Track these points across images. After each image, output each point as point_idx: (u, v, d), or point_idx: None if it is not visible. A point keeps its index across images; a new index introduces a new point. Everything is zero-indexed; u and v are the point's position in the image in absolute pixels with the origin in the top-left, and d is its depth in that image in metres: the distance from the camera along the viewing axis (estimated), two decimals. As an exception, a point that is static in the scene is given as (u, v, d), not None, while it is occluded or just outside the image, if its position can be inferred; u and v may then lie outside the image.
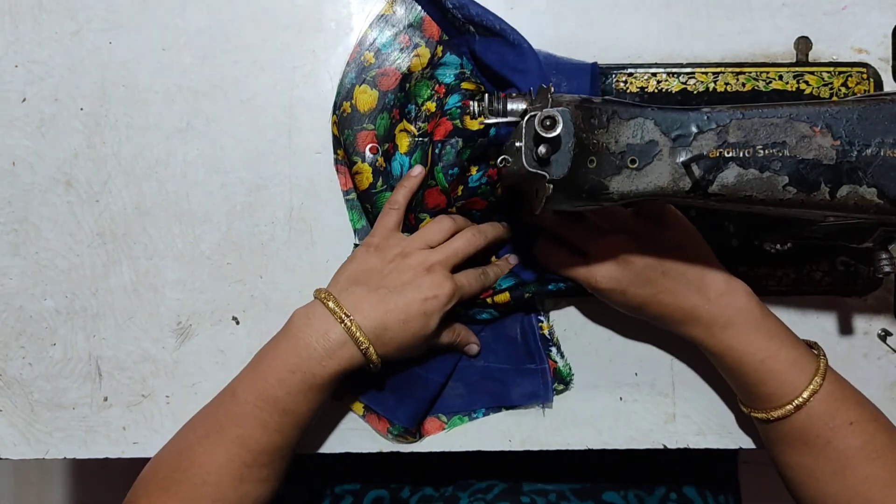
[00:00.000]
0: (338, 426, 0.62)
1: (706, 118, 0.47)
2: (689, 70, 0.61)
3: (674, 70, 0.61)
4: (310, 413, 0.55)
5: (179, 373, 0.62)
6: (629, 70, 0.61)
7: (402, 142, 0.59)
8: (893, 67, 0.62)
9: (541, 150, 0.42)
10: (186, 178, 0.62)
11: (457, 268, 0.58)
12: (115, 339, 0.62)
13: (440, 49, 0.61)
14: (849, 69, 0.61)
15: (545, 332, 0.62)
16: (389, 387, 0.60)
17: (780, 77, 0.61)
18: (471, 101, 0.56)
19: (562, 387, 0.62)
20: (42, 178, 0.62)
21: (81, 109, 0.62)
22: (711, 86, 0.61)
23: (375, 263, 0.56)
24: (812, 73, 0.61)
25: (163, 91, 0.62)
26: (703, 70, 0.61)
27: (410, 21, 0.61)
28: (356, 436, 0.62)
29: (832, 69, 0.61)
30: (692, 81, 0.61)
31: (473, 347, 0.61)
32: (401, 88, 0.60)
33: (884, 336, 0.62)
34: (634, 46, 0.62)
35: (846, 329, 0.63)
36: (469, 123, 0.57)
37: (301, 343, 0.53)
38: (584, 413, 0.62)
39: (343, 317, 0.53)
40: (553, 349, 0.62)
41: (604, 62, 0.61)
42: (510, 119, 0.50)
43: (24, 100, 0.62)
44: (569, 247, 0.58)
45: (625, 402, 0.62)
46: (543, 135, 0.42)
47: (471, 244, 0.58)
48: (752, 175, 0.46)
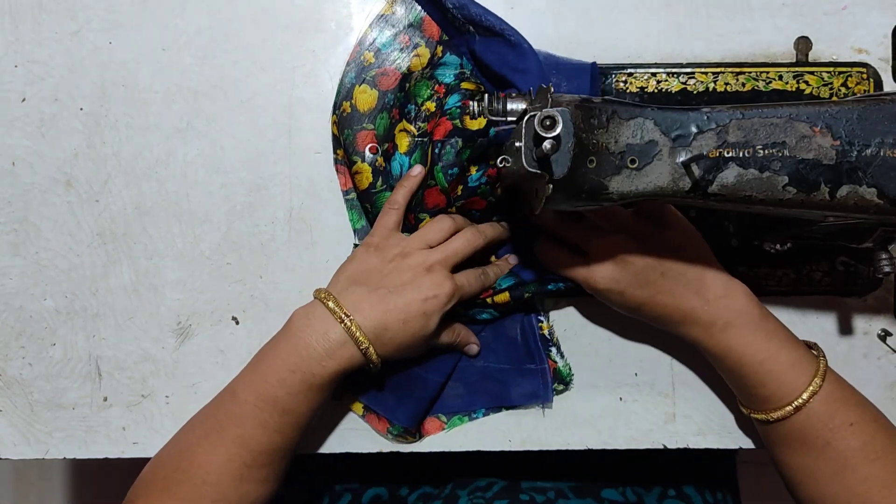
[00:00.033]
0: (338, 426, 0.62)
1: (706, 118, 0.47)
2: (689, 70, 0.61)
3: (674, 70, 0.61)
4: (310, 413, 0.55)
5: (179, 373, 0.62)
6: (629, 70, 0.61)
7: (402, 142, 0.59)
8: (893, 67, 0.62)
9: (541, 150, 0.42)
10: (186, 178, 0.62)
11: (456, 268, 0.58)
12: (115, 339, 0.62)
13: (440, 49, 0.61)
14: (849, 69, 0.61)
15: (545, 333, 0.62)
16: (389, 387, 0.60)
17: (780, 77, 0.61)
18: (470, 101, 0.56)
19: (562, 387, 0.62)
20: (42, 178, 0.62)
21: (81, 109, 0.62)
22: (711, 86, 0.61)
23: (375, 263, 0.56)
24: (812, 73, 0.61)
25: (163, 91, 0.62)
26: (703, 70, 0.61)
27: (410, 21, 0.61)
28: (356, 436, 0.62)
29: (832, 69, 0.61)
30: (692, 81, 0.61)
31: (473, 347, 0.61)
32: (400, 88, 0.60)
33: (884, 336, 0.62)
34: (634, 46, 0.62)
35: (846, 329, 0.63)
36: (469, 123, 0.57)
37: (301, 343, 0.53)
38: (584, 413, 0.62)
39: (343, 317, 0.53)
40: (553, 349, 0.62)
41: (604, 62, 0.61)
42: (510, 119, 0.50)
43: (24, 100, 0.62)
44: (569, 246, 0.58)
45: (625, 402, 0.62)
46: (543, 135, 0.42)
47: (470, 244, 0.58)
48: (752, 175, 0.46)
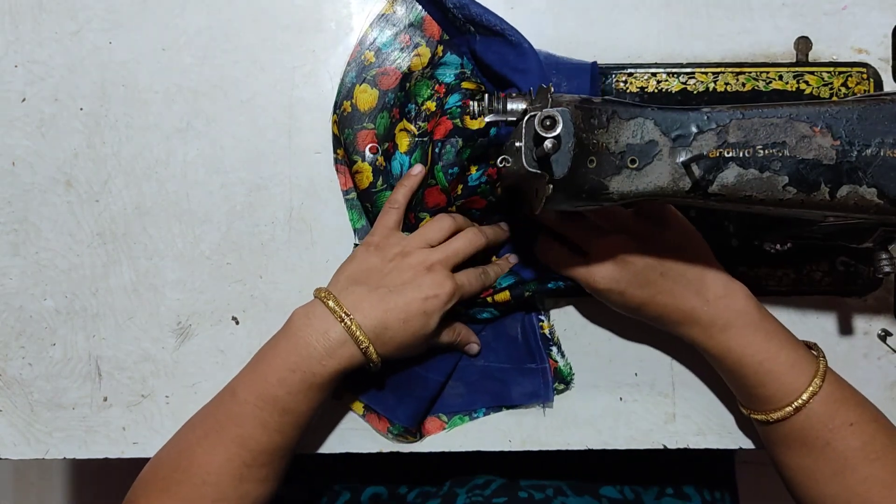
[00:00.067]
0: (338, 426, 0.62)
1: (706, 118, 0.47)
2: (689, 70, 0.61)
3: (674, 70, 0.61)
4: (310, 412, 0.55)
5: (179, 373, 0.62)
6: (629, 70, 0.61)
7: (402, 141, 0.59)
8: (893, 67, 0.62)
9: (541, 150, 0.42)
10: (186, 178, 0.62)
11: (457, 267, 0.58)
12: (115, 339, 0.62)
13: (441, 49, 0.61)
14: (849, 69, 0.61)
15: (546, 332, 0.62)
16: (390, 386, 0.60)
17: (780, 77, 0.61)
18: (471, 101, 0.56)
19: (562, 386, 0.62)
20: (42, 178, 0.62)
21: (81, 109, 0.62)
22: (711, 86, 0.61)
23: (375, 262, 0.56)
24: (812, 73, 0.61)
25: (163, 91, 0.62)
26: (703, 70, 0.61)
27: (411, 20, 0.61)
28: (356, 436, 0.62)
29: (832, 69, 0.61)
30: (692, 81, 0.61)
31: (474, 347, 0.61)
32: (401, 88, 0.60)
33: (884, 336, 0.62)
34: (634, 46, 0.62)
35: (846, 329, 0.63)
36: (469, 123, 0.57)
37: (301, 342, 0.53)
38: (584, 413, 0.62)
39: (343, 316, 0.53)
40: (554, 348, 0.62)
41: (604, 62, 0.61)
42: (510, 118, 0.50)
43: (24, 100, 0.62)
44: (569, 246, 0.58)
45: (625, 402, 0.62)
46: (543, 135, 0.42)
47: (472, 244, 0.58)
48: (752, 175, 0.46)
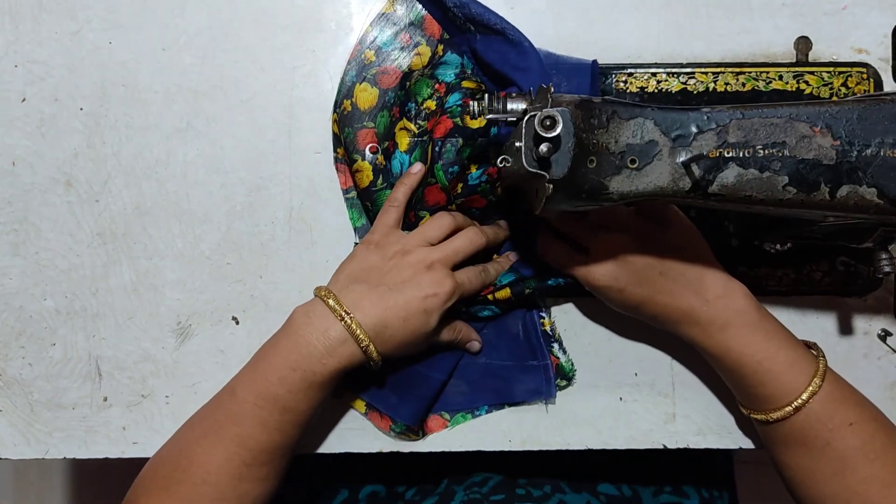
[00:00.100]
0: (338, 426, 0.62)
1: (706, 118, 0.47)
2: (689, 70, 0.61)
3: (674, 70, 0.61)
4: (310, 411, 0.55)
5: (179, 373, 0.62)
6: (629, 70, 0.61)
7: (402, 140, 0.59)
8: (893, 67, 0.62)
9: (541, 150, 0.42)
10: (186, 178, 0.62)
11: (456, 266, 0.58)
12: (115, 339, 0.62)
13: (441, 48, 0.61)
14: (849, 69, 0.61)
15: (547, 329, 0.62)
16: (391, 385, 0.60)
17: (780, 77, 0.61)
18: (471, 101, 0.56)
19: (564, 383, 0.62)
20: (42, 178, 0.62)
21: (81, 109, 0.62)
22: (711, 86, 0.61)
23: (375, 261, 0.56)
24: (812, 73, 0.61)
25: (163, 91, 0.62)
26: (703, 70, 0.61)
27: (411, 19, 0.61)
28: (356, 435, 0.62)
29: (832, 69, 0.61)
30: (692, 81, 0.61)
31: (475, 345, 0.61)
32: (401, 87, 0.60)
33: (884, 336, 0.62)
34: (634, 46, 0.62)
35: (846, 329, 0.63)
36: (469, 122, 0.57)
37: (301, 341, 0.53)
38: (584, 413, 0.62)
39: (343, 314, 0.53)
40: (555, 345, 0.62)
41: (604, 62, 0.61)
42: (510, 118, 0.50)
43: (24, 100, 0.62)
44: (569, 243, 0.58)
45: (625, 402, 0.62)
46: (543, 135, 0.42)
47: (472, 243, 0.58)
48: (752, 175, 0.46)
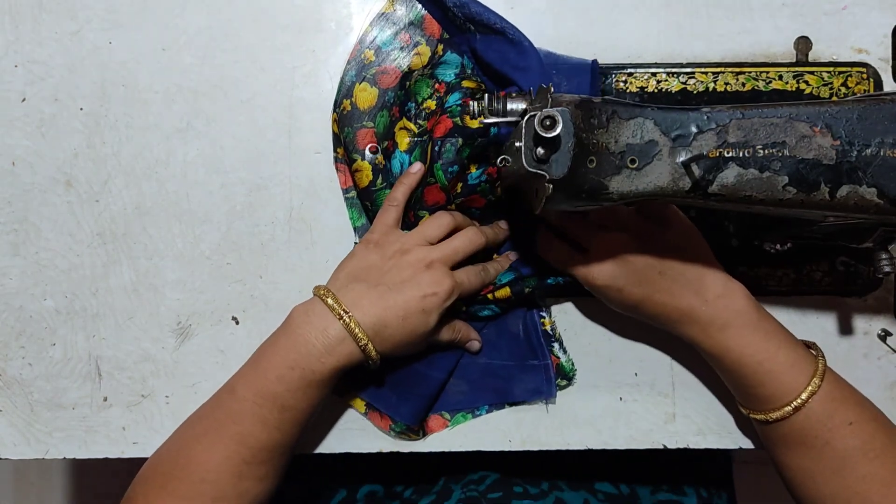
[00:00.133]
0: (337, 425, 0.62)
1: (706, 118, 0.47)
2: (689, 70, 0.61)
3: (674, 70, 0.61)
4: (309, 409, 0.55)
5: (179, 373, 0.62)
6: (629, 70, 0.61)
7: (402, 140, 0.59)
8: (893, 67, 0.62)
9: (540, 150, 0.42)
10: (186, 178, 0.62)
11: (456, 265, 0.58)
12: (115, 339, 0.62)
13: (441, 47, 0.61)
14: (849, 69, 0.61)
15: (547, 328, 0.62)
16: (391, 384, 0.60)
17: (780, 77, 0.61)
18: (471, 101, 0.56)
19: (564, 382, 0.62)
20: (42, 178, 0.62)
21: (81, 109, 0.62)
22: (711, 86, 0.61)
23: (375, 260, 0.56)
24: (812, 73, 0.61)
25: (163, 91, 0.62)
26: (703, 70, 0.61)
27: (411, 19, 0.61)
28: (355, 435, 0.62)
29: (832, 69, 0.61)
30: (692, 81, 0.61)
31: (475, 344, 0.61)
32: (401, 86, 0.60)
33: (884, 336, 0.62)
34: (634, 46, 0.62)
35: (846, 329, 0.63)
36: (469, 122, 0.57)
37: (300, 339, 0.53)
38: (584, 413, 0.62)
39: (342, 313, 0.53)
40: (555, 345, 0.62)
41: (604, 62, 0.61)
42: (510, 119, 0.50)
43: (24, 100, 0.62)
44: (569, 242, 0.58)
45: (625, 402, 0.62)
46: (543, 135, 0.42)
47: (472, 243, 0.58)
48: (752, 175, 0.46)
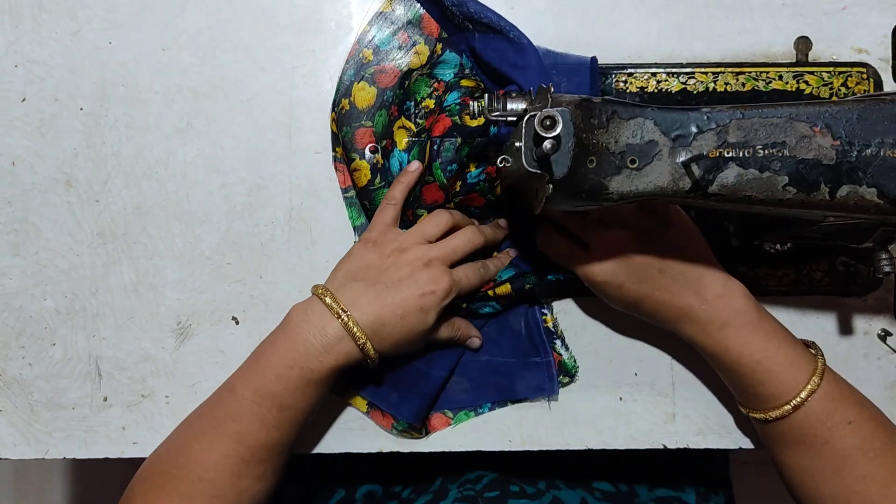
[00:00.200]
0: (336, 425, 0.62)
1: (706, 118, 0.47)
2: (689, 70, 0.61)
3: (674, 70, 0.61)
4: (308, 408, 0.55)
5: (179, 373, 0.62)
6: (629, 70, 0.61)
7: (401, 138, 0.60)
8: (893, 67, 0.62)
9: (541, 150, 0.42)
10: (186, 178, 0.62)
11: (455, 264, 0.58)
12: (115, 339, 0.62)
13: (439, 47, 0.61)
14: (849, 69, 0.61)
15: (549, 325, 0.62)
16: (392, 383, 0.60)
17: (780, 77, 0.61)
18: (471, 101, 0.56)
19: (567, 379, 0.62)
20: (42, 178, 0.62)
21: (81, 109, 0.62)
22: (711, 86, 0.61)
23: (373, 259, 0.56)
24: (812, 73, 0.61)
25: (163, 91, 0.62)
26: (703, 70, 0.61)
27: (409, 18, 0.61)
28: (355, 435, 0.62)
29: (832, 69, 0.61)
30: (692, 81, 0.61)
31: (475, 341, 0.61)
32: (400, 86, 0.60)
33: (884, 336, 0.62)
34: (634, 46, 0.62)
35: (846, 329, 0.63)
36: (469, 121, 0.57)
37: (299, 338, 0.53)
38: (584, 413, 0.62)
39: (340, 312, 0.53)
40: (557, 342, 0.62)
41: (604, 62, 0.61)
42: (510, 116, 0.50)
43: (24, 100, 0.62)
44: (571, 237, 0.58)
45: (625, 402, 0.62)
46: (543, 135, 0.42)
47: (470, 242, 0.58)
48: (752, 175, 0.46)
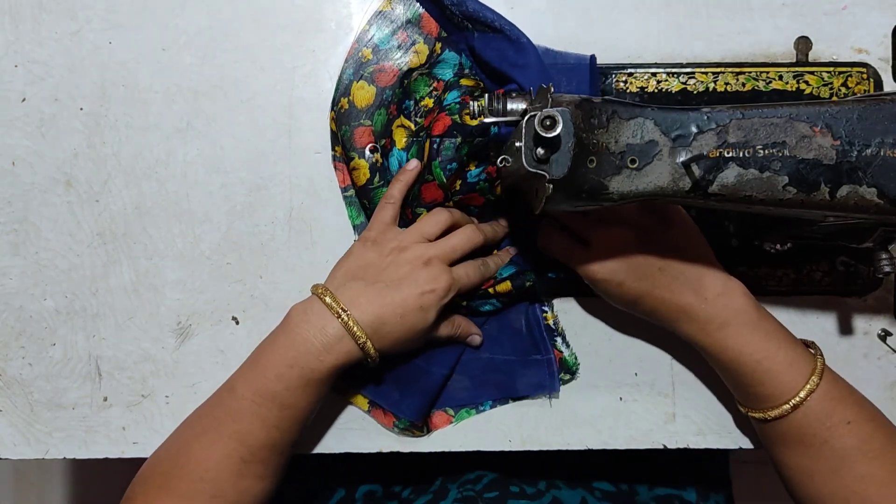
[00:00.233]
0: (336, 425, 0.62)
1: (706, 118, 0.47)
2: (689, 70, 0.61)
3: (674, 70, 0.61)
4: (308, 408, 0.55)
5: (179, 373, 0.62)
6: (629, 70, 0.61)
7: (400, 137, 0.60)
8: (893, 67, 0.62)
9: (540, 150, 0.42)
10: (186, 178, 0.62)
11: (454, 263, 0.58)
12: (115, 339, 0.62)
13: (439, 46, 0.61)
14: (849, 69, 0.61)
15: (550, 323, 0.62)
16: (393, 381, 0.60)
17: (780, 77, 0.61)
18: (471, 100, 0.56)
19: (568, 376, 0.62)
20: (42, 178, 0.62)
21: (81, 109, 0.62)
22: (711, 86, 0.61)
23: (372, 258, 0.56)
24: (812, 73, 0.61)
25: (163, 91, 0.62)
26: (703, 70, 0.61)
27: (409, 17, 0.61)
28: (355, 435, 0.62)
29: (832, 69, 0.61)
30: (692, 81, 0.61)
31: (476, 339, 0.61)
32: (399, 85, 0.60)
33: (884, 336, 0.62)
34: (634, 46, 0.62)
35: (846, 329, 0.63)
36: (468, 120, 0.57)
37: (299, 338, 0.53)
38: (584, 413, 0.62)
39: (340, 311, 0.53)
40: (558, 339, 0.62)
41: (604, 62, 0.61)
42: (510, 118, 0.50)
43: (24, 100, 0.62)
44: (571, 234, 0.58)
45: (625, 402, 0.62)
46: (543, 135, 0.42)
47: (470, 241, 0.58)
48: (752, 175, 0.46)
